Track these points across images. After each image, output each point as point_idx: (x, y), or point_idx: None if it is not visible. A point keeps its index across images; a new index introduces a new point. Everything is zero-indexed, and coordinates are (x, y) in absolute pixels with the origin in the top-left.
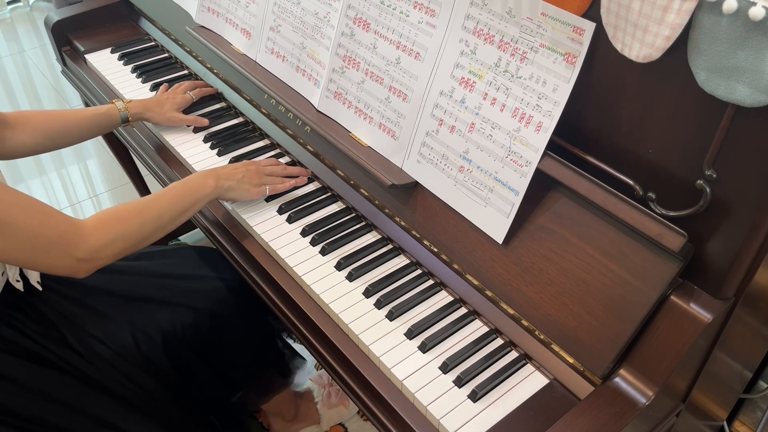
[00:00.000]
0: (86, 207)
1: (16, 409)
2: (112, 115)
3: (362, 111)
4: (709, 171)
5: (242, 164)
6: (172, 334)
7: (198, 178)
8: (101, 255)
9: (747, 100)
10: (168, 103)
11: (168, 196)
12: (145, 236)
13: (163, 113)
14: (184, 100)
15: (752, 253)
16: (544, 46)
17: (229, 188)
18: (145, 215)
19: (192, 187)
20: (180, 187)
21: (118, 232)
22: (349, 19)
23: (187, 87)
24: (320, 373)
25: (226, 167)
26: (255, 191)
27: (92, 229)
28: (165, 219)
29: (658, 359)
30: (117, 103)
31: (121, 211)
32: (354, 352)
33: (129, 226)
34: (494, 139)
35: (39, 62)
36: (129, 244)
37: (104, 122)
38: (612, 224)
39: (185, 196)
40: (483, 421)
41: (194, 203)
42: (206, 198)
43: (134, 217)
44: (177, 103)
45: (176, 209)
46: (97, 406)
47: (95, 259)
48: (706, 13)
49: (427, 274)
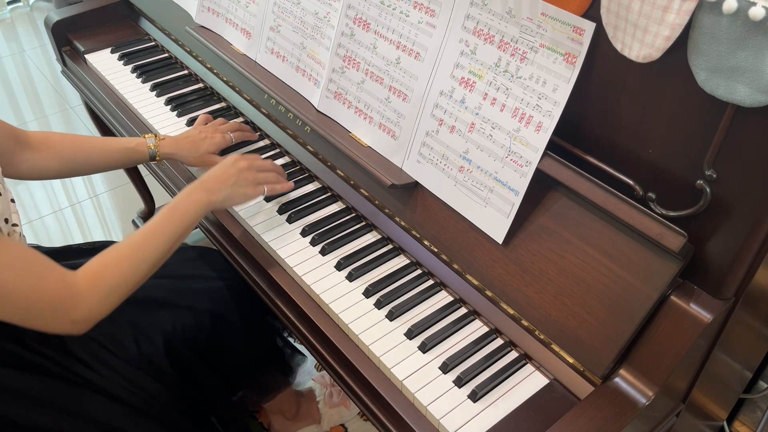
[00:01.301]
0: (86, 207)
1: (17, 419)
2: (140, 151)
3: (362, 111)
4: (709, 171)
5: (230, 164)
6: (173, 335)
7: (186, 198)
8: (97, 314)
9: (747, 100)
10: (205, 144)
11: (157, 227)
12: (141, 277)
13: (198, 155)
14: (224, 140)
15: (752, 253)
16: (544, 46)
17: (225, 198)
18: (137, 256)
19: (181, 211)
20: (168, 213)
21: (112, 284)
22: (349, 19)
23: (230, 127)
24: (322, 374)
25: (213, 174)
26: (253, 192)
27: (86, 287)
28: (159, 253)
29: (658, 359)
30: (148, 140)
31: (112, 258)
32: (354, 353)
33: (122, 273)
34: (494, 139)
35: (39, 62)
36: (125, 292)
37: (131, 157)
38: (612, 224)
39: (176, 223)
40: (483, 421)
41: (188, 226)
42: (199, 217)
43: (125, 260)
44: (216, 145)
45: (168, 239)
46: (100, 411)
47: (91, 318)
48: (706, 13)
49: (427, 274)
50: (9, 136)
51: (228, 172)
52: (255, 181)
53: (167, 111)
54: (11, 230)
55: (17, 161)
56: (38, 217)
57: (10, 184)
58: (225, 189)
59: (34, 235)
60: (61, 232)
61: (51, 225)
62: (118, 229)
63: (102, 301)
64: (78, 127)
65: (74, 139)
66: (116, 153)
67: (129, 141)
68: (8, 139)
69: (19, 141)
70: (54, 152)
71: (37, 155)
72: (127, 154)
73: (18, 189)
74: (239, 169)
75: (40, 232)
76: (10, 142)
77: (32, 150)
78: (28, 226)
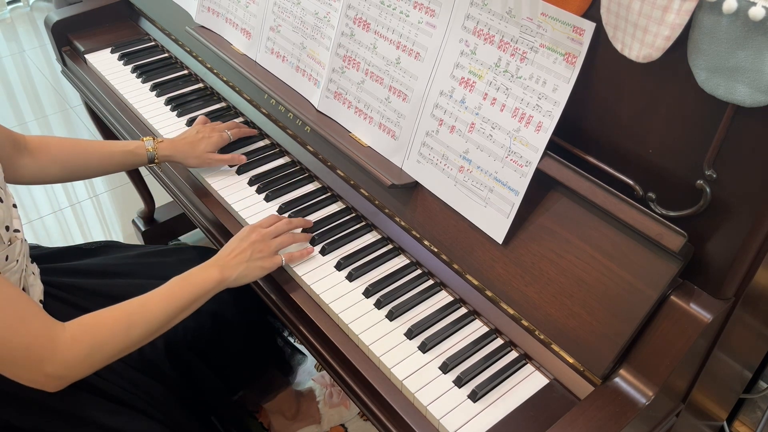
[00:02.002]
0: (86, 207)
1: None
2: (138, 154)
3: (362, 111)
4: (709, 171)
5: (242, 238)
6: (173, 336)
7: (200, 273)
8: (74, 371)
9: (747, 100)
10: (203, 144)
11: (164, 297)
12: (130, 345)
13: (196, 155)
14: (221, 139)
15: (752, 253)
16: (544, 46)
17: (241, 275)
18: (134, 321)
19: (190, 283)
20: (176, 283)
21: (97, 342)
22: (349, 19)
23: (226, 126)
24: (322, 374)
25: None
26: (270, 264)
27: (68, 340)
28: (156, 321)
29: (658, 359)
30: (146, 142)
31: (107, 318)
32: (354, 352)
33: (111, 332)
34: (494, 139)
35: (39, 62)
36: (109, 354)
37: (130, 160)
38: (612, 224)
39: (184, 295)
40: (483, 421)
41: (194, 301)
42: (210, 293)
43: (120, 324)
44: (213, 143)
45: (170, 313)
46: (100, 413)
47: (66, 376)
48: (706, 13)
49: (427, 274)
50: (8, 141)
51: (241, 246)
52: (270, 251)
53: (167, 111)
54: (13, 237)
55: (16, 166)
56: (38, 217)
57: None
58: (240, 265)
59: (34, 235)
60: (61, 232)
61: (51, 225)
62: (118, 229)
63: (81, 359)
64: (78, 126)
65: (73, 143)
66: (115, 157)
67: (127, 144)
68: (7, 144)
69: (17, 146)
70: (52, 157)
71: (36, 160)
72: (126, 158)
73: (18, 189)
74: (252, 243)
75: (40, 232)
76: (8, 146)
77: (31, 155)
78: (28, 226)
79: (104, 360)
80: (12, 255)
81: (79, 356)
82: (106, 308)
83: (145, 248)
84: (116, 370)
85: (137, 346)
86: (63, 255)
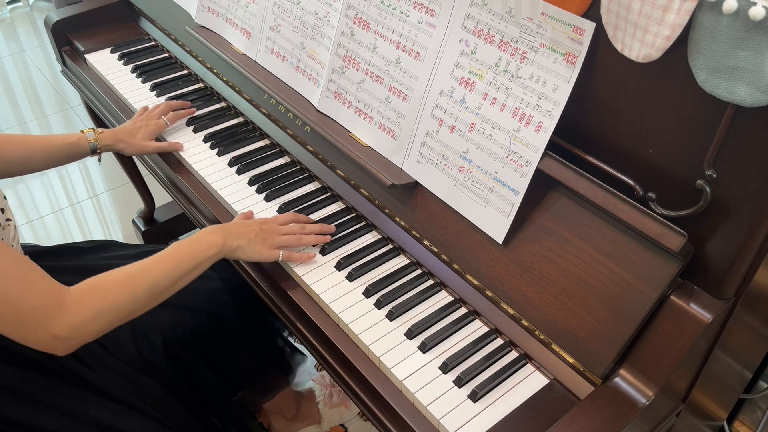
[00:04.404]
0: (86, 207)
1: (17, 418)
2: (81, 146)
3: (362, 111)
4: (709, 171)
5: (256, 222)
6: (172, 336)
7: (205, 237)
8: (82, 332)
9: (747, 100)
10: (141, 132)
11: (167, 259)
12: (137, 306)
13: (135, 143)
14: (158, 126)
15: (752, 253)
16: (544, 46)
17: (238, 247)
18: (138, 283)
19: (196, 248)
20: (183, 247)
21: (103, 305)
22: (349, 19)
23: (161, 111)
24: (322, 374)
25: (238, 223)
26: (267, 253)
27: (74, 302)
28: (160, 287)
29: (658, 359)
30: (87, 134)
31: (111, 280)
32: (354, 353)
33: (116, 296)
34: (494, 139)
35: (39, 62)
36: (116, 317)
37: (72, 152)
38: (612, 224)
39: (187, 259)
40: (483, 421)
41: (196, 266)
42: (211, 259)
43: (125, 286)
44: (150, 131)
45: (174, 274)
46: (100, 411)
47: (74, 337)
48: (706, 13)
49: (427, 274)
50: None
51: (251, 226)
52: (273, 244)
53: None
54: (5, 223)
55: None
56: (38, 217)
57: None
58: (242, 239)
59: (34, 234)
60: (61, 232)
61: (51, 225)
62: (118, 229)
63: (88, 321)
64: (78, 126)
65: (15, 139)
66: (58, 149)
67: (69, 137)
68: None
69: None
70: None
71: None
72: (69, 149)
73: (18, 189)
74: (263, 229)
75: (40, 232)
76: None
77: None
78: (28, 226)
79: (112, 322)
80: (7, 239)
81: (85, 317)
82: (109, 271)
83: (144, 247)
84: (116, 370)
85: (142, 311)
86: (59, 253)
